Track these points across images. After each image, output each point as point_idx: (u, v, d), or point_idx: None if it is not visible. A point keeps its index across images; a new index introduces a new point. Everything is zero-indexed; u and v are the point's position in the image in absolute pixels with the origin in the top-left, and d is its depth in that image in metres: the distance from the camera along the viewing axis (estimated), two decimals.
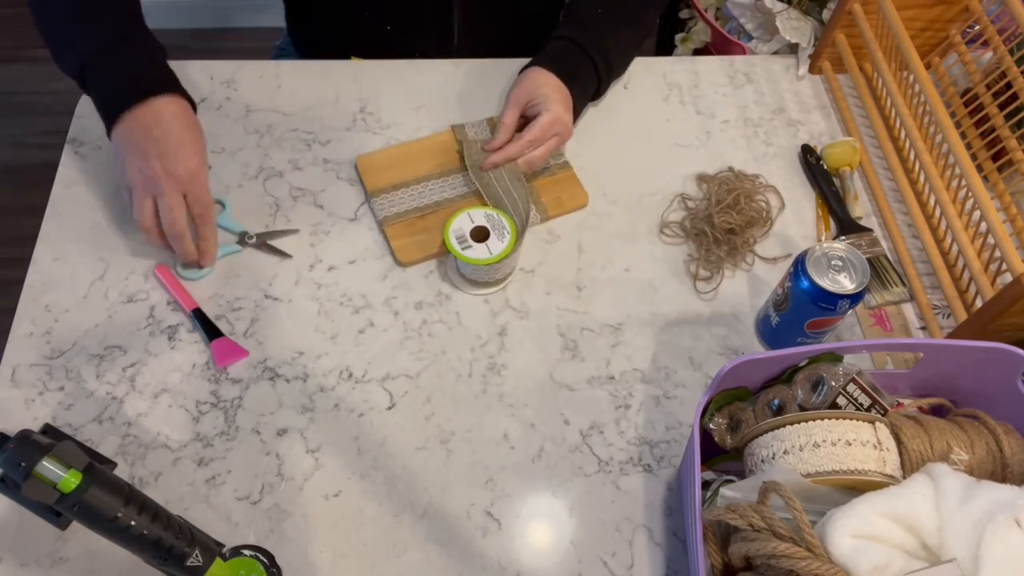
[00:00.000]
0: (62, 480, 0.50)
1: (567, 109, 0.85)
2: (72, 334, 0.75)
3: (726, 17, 1.12)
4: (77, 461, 0.51)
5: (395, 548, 0.67)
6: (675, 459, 0.72)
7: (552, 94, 0.84)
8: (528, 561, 0.67)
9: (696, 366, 0.78)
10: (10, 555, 0.65)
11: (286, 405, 0.73)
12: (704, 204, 0.87)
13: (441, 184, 0.86)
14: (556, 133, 0.85)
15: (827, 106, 0.98)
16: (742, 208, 0.85)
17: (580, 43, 0.88)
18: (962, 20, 0.92)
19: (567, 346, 0.78)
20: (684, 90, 0.98)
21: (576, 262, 0.83)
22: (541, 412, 0.74)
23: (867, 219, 0.89)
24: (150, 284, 0.79)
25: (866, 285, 0.69)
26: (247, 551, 0.61)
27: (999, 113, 0.82)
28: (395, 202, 0.84)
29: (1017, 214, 0.81)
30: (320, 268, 0.81)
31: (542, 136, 0.84)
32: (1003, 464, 0.59)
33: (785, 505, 0.52)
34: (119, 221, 0.82)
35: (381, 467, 0.71)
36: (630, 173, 0.90)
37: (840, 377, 0.62)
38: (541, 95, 0.84)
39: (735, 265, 0.84)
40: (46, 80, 1.98)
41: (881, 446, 0.57)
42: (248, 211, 0.84)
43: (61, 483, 0.50)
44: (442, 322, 0.79)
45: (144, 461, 0.70)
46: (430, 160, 0.88)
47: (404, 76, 0.95)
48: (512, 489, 0.70)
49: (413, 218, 0.83)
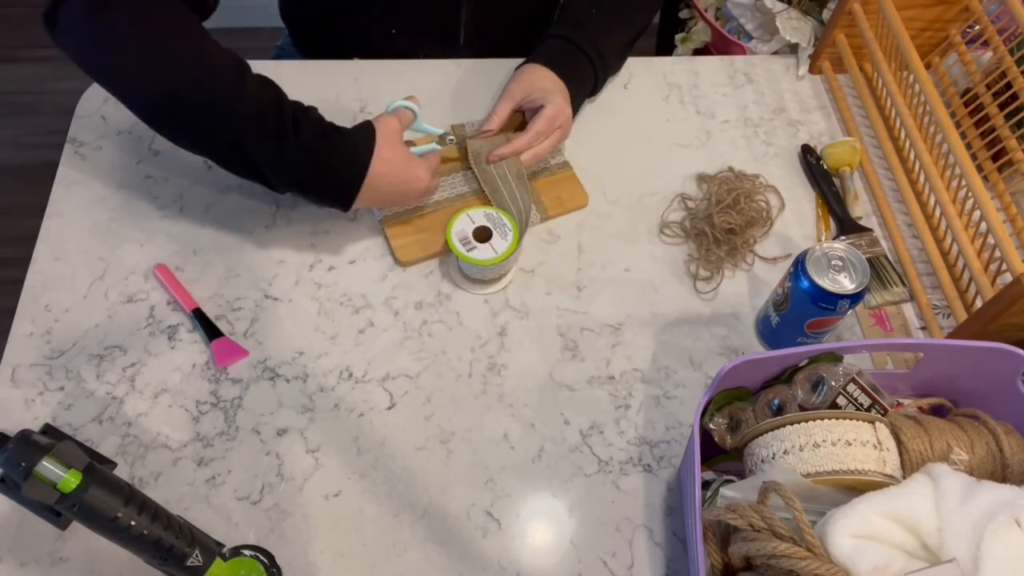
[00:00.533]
0: (62, 480, 0.50)
1: (567, 103, 0.85)
2: (72, 334, 0.75)
3: (726, 17, 1.12)
4: (77, 461, 0.51)
5: (395, 548, 0.67)
6: (675, 459, 0.72)
7: (552, 87, 0.84)
8: (528, 561, 0.67)
9: (696, 366, 0.78)
10: (10, 555, 0.65)
11: (286, 405, 0.73)
12: (704, 204, 0.87)
13: (441, 183, 0.86)
14: (559, 126, 0.85)
15: (827, 106, 0.98)
16: (742, 208, 0.85)
17: (576, 41, 0.88)
18: (962, 20, 0.92)
19: (567, 346, 0.78)
20: (684, 90, 0.98)
21: (576, 262, 0.83)
22: (541, 412, 0.74)
23: (867, 219, 0.89)
24: (150, 284, 0.79)
25: (866, 285, 0.69)
26: (247, 551, 0.61)
27: (999, 113, 0.82)
28: None
29: (1017, 214, 0.81)
30: (320, 268, 0.81)
31: (548, 128, 0.84)
32: (1003, 464, 0.59)
33: (785, 505, 0.52)
34: (119, 221, 0.82)
35: (381, 467, 0.71)
36: (630, 173, 0.90)
37: (840, 377, 0.62)
38: (540, 89, 0.84)
39: (735, 265, 0.84)
40: (46, 80, 1.99)
41: (881, 446, 0.57)
42: (248, 211, 0.84)
43: (61, 483, 0.50)
44: (442, 322, 0.79)
45: (144, 461, 0.70)
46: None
47: (404, 76, 0.95)
48: (512, 489, 0.70)
49: (413, 217, 0.83)
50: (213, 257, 0.81)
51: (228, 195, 0.85)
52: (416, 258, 0.81)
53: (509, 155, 0.84)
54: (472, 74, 0.96)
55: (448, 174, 0.87)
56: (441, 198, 0.85)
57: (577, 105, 0.88)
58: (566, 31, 0.89)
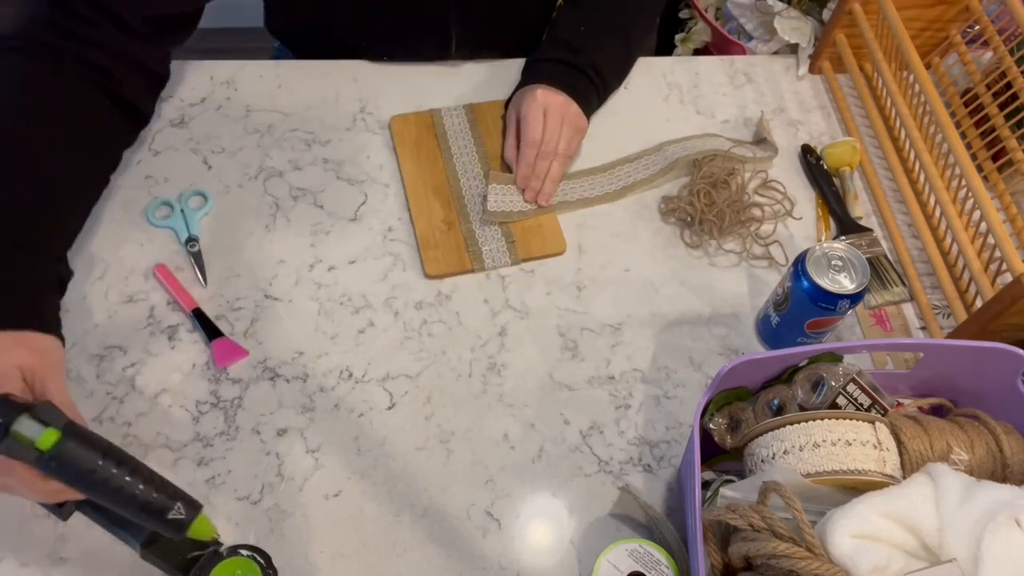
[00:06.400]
0: (40, 437, 0.50)
1: (543, 96, 0.84)
2: (72, 334, 0.75)
3: (726, 17, 1.12)
4: (56, 419, 0.51)
5: (395, 548, 0.67)
6: (675, 459, 0.72)
7: (522, 100, 0.84)
8: (528, 561, 0.67)
9: (696, 366, 0.78)
10: (10, 555, 0.65)
11: (286, 405, 0.73)
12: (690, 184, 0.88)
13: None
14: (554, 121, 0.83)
15: (827, 106, 0.98)
16: (718, 179, 0.86)
17: (570, 62, 0.87)
18: (962, 20, 0.92)
19: (567, 346, 0.78)
20: (684, 90, 0.98)
21: (576, 262, 0.83)
22: (541, 412, 0.74)
23: (867, 219, 0.89)
24: (150, 284, 0.79)
25: (866, 285, 0.69)
26: (244, 551, 0.61)
27: (999, 113, 0.82)
28: (506, 197, 0.85)
29: (1017, 214, 0.81)
30: (320, 268, 0.81)
31: (533, 137, 0.83)
32: (1003, 464, 0.59)
33: (785, 505, 0.52)
34: (119, 221, 0.82)
35: (381, 467, 0.71)
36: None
37: (840, 377, 0.62)
38: (516, 111, 0.84)
39: (722, 234, 0.84)
40: None
41: (881, 446, 0.57)
42: (248, 211, 0.84)
43: (40, 440, 0.50)
44: (442, 322, 0.79)
45: (144, 461, 0.69)
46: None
47: (404, 76, 0.95)
48: (512, 489, 0.70)
49: (447, 235, 0.82)
50: (213, 257, 0.81)
51: (228, 195, 0.85)
52: (443, 272, 0.81)
53: (555, 186, 0.85)
54: (471, 75, 0.96)
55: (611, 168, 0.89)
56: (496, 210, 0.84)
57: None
58: (557, 54, 0.88)
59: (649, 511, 0.68)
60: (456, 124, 0.90)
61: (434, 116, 0.91)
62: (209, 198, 0.84)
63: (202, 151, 0.87)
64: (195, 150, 0.87)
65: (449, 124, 0.90)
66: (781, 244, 0.85)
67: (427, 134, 0.90)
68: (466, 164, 0.88)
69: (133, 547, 0.57)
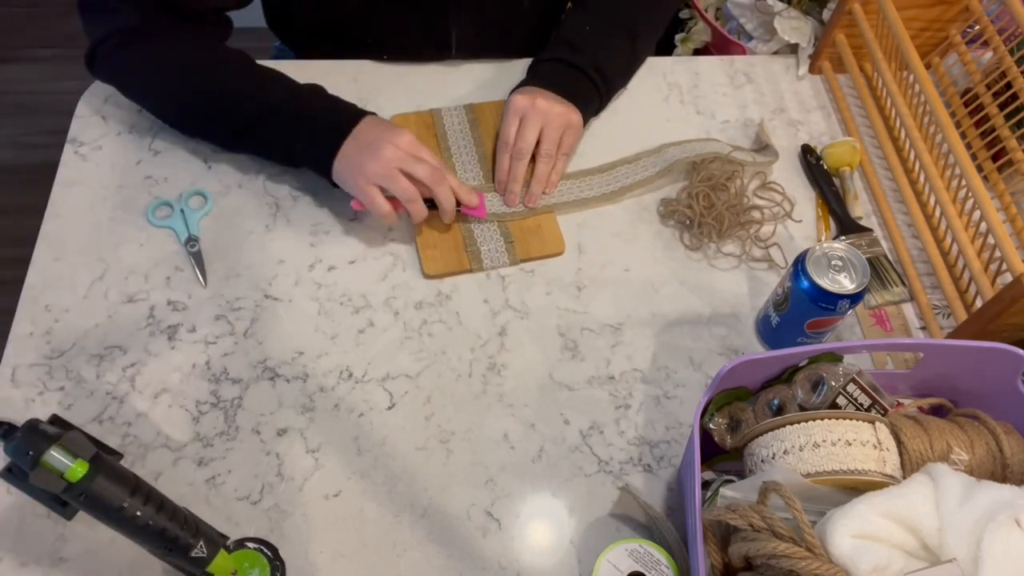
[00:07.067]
0: (69, 469, 0.50)
1: (533, 95, 0.83)
2: (72, 334, 0.75)
3: (726, 17, 1.12)
4: (84, 451, 0.51)
5: (395, 548, 0.67)
6: (675, 459, 0.72)
7: (513, 101, 0.84)
8: (528, 561, 0.67)
9: (696, 366, 0.78)
10: (10, 555, 0.65)
11: (286, 405, 0.73)
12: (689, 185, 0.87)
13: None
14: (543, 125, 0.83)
15: (827, 106, 0.98)
16: (717, 182, 0.85)
17: (572, 62, 0.87)
18: (962, 20, 0.92)
19: (567, 346, 0.78)
20: (684, 90, 0.98)
21: (576, 262, 0.83)
22: (541, 412, 0.74)
23: (867, 219, 0.89)
24: (150, 284, 0.79)
25: (866, 285, 0.69)
26: (251, 543, 0.61)
27: (999, 113, 0.82)
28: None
29: (1017, 214, 0.81)
30: (320, 268, 0.81)
31: (524, 143, 0.83)
32: (1003, 464, 0.59)
33: (785, 505, 0.52)
34: (119, 221, 0.82)
35: (381, 467, 0.71)
36: None
37: (840, 377, 0.62)
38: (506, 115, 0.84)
39: (721, 237, 0.84)
40: (46, 80, 1.98)
41: (881, 446, 0.57)
42: (248, 211, 0.84)
43: (68, 472, 0.50)
44: (442, 322, 0.79)
45: (144, 461, 0.70)
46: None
47: (404, 76, 0.95)
48: (512, 489, 0.70)
49: (445, 230, 0.82)
50: (213, 257, 0.81)
51: (228, 195, 0.85)
52: (442, 272, 0.81)
53: (553, 186, 0.86)
54: (472, 75, 0.96)
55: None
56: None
57: (584, 121, 0.87)
58: (559, 54, 0.88)
59: (649, 511, 0.68)
60: (456, 124, 0.91)
61: (434, 116, 0.91)
62: (209, 198, 0.84)
63: (202, 151, 0.87)
64: (195, 150, 0.87)
65: (449, 124, 0.90)
66: (780, 246, 0.85)
67: (427, 134, 0.90)
68: (466, 164, 0.88)
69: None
